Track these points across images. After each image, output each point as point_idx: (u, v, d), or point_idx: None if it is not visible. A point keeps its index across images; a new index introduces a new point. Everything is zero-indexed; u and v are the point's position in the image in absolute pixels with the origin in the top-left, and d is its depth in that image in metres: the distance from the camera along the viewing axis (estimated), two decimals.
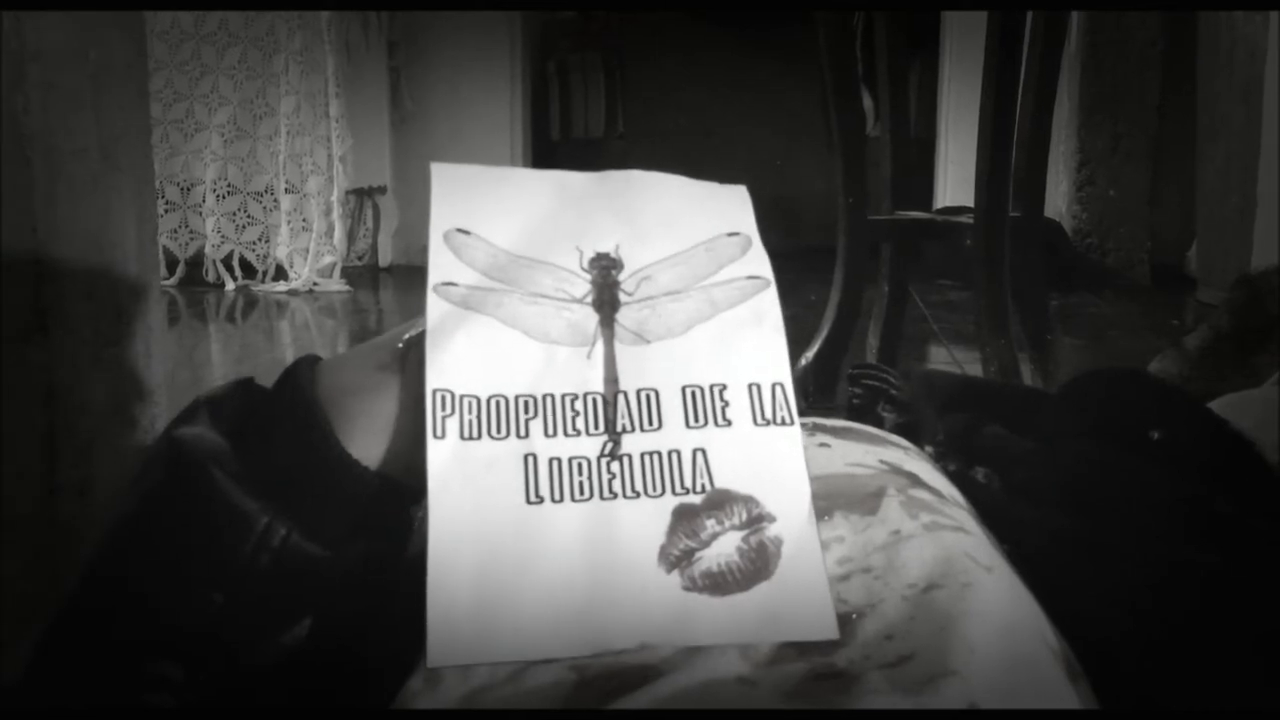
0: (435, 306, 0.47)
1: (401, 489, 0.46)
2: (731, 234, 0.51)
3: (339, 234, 2.85)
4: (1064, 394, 0.77)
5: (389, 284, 3.16)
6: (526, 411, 0.45)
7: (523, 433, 0.45)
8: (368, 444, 0.46)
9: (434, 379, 0.45)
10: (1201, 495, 0.52)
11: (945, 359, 2.26)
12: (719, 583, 0.43)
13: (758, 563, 0.44)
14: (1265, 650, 0.46)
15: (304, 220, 2.81)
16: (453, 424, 0.45)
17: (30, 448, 0.83)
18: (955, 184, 3.18)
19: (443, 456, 0.44)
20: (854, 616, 0.43)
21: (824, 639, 0.42)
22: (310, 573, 0.45)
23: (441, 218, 0.50)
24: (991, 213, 1.53)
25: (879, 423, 0.81)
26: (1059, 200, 3.01)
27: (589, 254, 0.49)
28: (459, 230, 0.49)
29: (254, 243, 2.84)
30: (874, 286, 1.83)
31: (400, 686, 0.42)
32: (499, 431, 0.45)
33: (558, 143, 3.61)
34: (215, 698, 0.45)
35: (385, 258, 3.27)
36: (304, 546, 0.45)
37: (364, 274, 3.19)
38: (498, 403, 0.45)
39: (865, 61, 2.56)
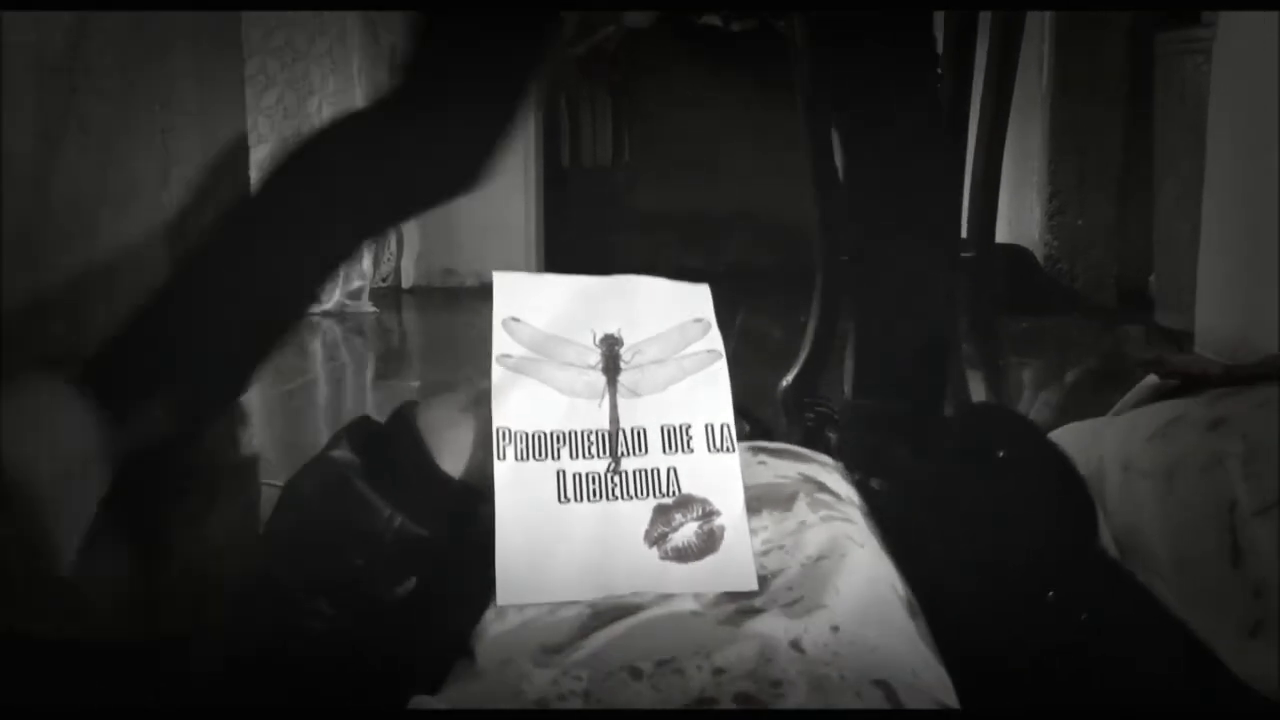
0: (497, 370, 0.70)
1: (476, 492, 0.70)
2: (696, 320, 0.74)
3: (367, 260, 3.10)
4: (950, 423, 1.01)
5: (410, 305, 3.40)
6: (558, 442, 0.69)
7: (556, 456, 0.68)
8: (453, 461, 0.70)
9: (497, 419, 0.68)
10: (1013, 506, 0.75)
11: None
12: (683, 554, 0.67)
13: (708, 543, 0.67)
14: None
15: None
16: (510, 450, 0.68)
17: None
18: None
19: (504, 471, 0.67)
20: (769, 577, 0.67)
21: (748, 590, 0.65)
22: (417, 546, 0.68)
23: (500, 309, 0.73)
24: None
25: (827, 442, 1.04)
26: (1032, 228, 3.23)
27: (600, 334, 0.72)
28: (512, 318, 0.72)
29: None
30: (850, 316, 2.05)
31: (478, 620, 0.66)
32: (540, 455, 0.68)
33: (568, 170, 3.85)
34: (354, 627, 0.68)
35: (407, 279, 3.51)
36: (412, 528, 0.68)
37: (387, 295, 3.42)
38: (539, 436, 0.69)
39: None
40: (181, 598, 1.11)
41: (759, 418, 1.02)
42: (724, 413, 0.71)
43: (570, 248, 3.65)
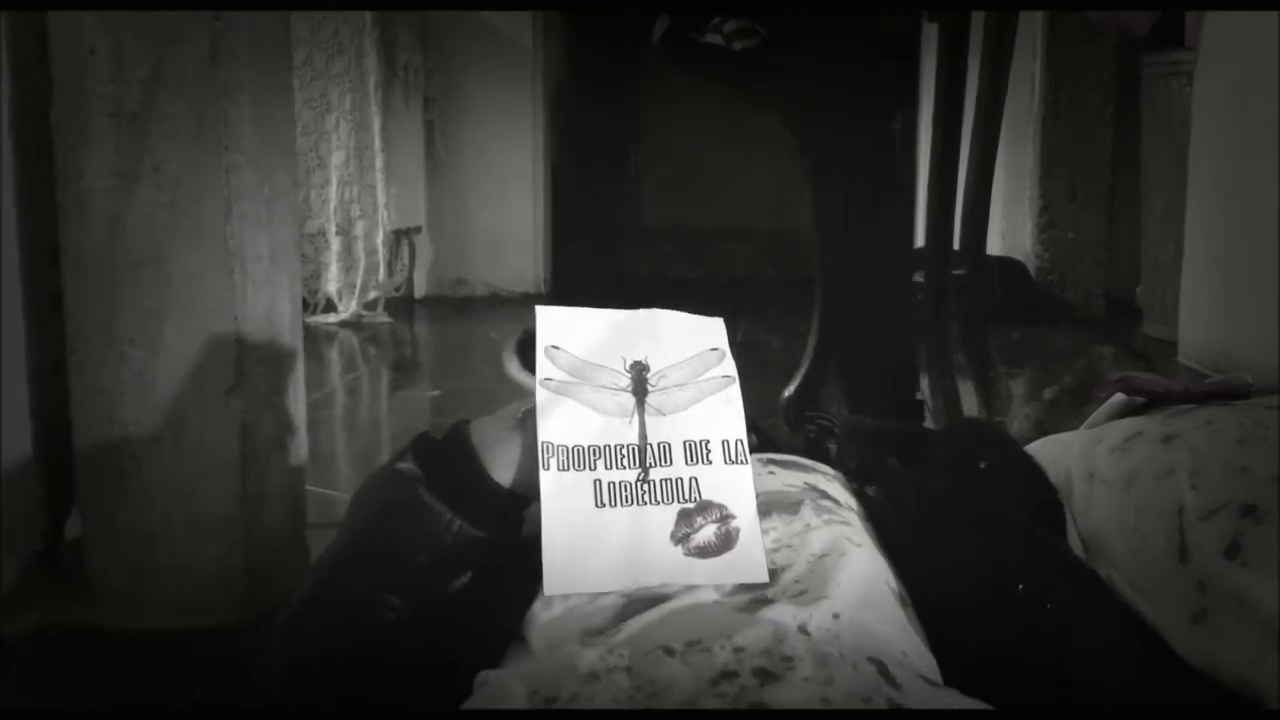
0: (541, 392, 0.81)
1: (523, 499, 0.80)
2: (713, 349, 0.84)
3: (383, 272, 3.21)
4: (938, 437, 1.12)
5: (423, 315, 3.51)
6: (595, 455, 0.79)
7: (593, 467, 0.78)
8: (503, 472, 0.80)
9: (542, 435, 0.78)
10: (991, 510, 0.85)
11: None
12: (704, 552, 0.77)
13: (726, 541, 0.77)
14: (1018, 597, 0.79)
15: (351, 260, 3.17)
16: (554, 461, 0.78)
17: (230, 470, 1.17)
18: None
19: (549, 480, 0.77)
20: (779, 571, 0.77)
21: (760, 582, 0.76)
22: (473, 546, 0.79)
23: (543, 339, 0.83)
24: (937, 277, 1.87)
25: (826, 453, 1.15)
26: (1025, 241, 3.34)
27: (630, 361, 0.82)
28: (553, 346, 0.83)
29: (308, 279, 3.19)
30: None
31: (527, 609, 0.76)
32: (579, 467, 0.78)
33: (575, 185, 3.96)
34: (419, 616, 0.78)
35: (420, 290, 3.62)
36: (469, 530, 0.78)
37: (400, 304, 3.53)
38: (578, 449, 0.79)
39: None
40: (234, 592, 1.21)
41: (762, 428, 1.12)
42: (738, 430, 0.81)
43: (576, 260, 3.75)
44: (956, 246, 2.03)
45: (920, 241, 3.49)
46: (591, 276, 1.84)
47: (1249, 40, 2.33)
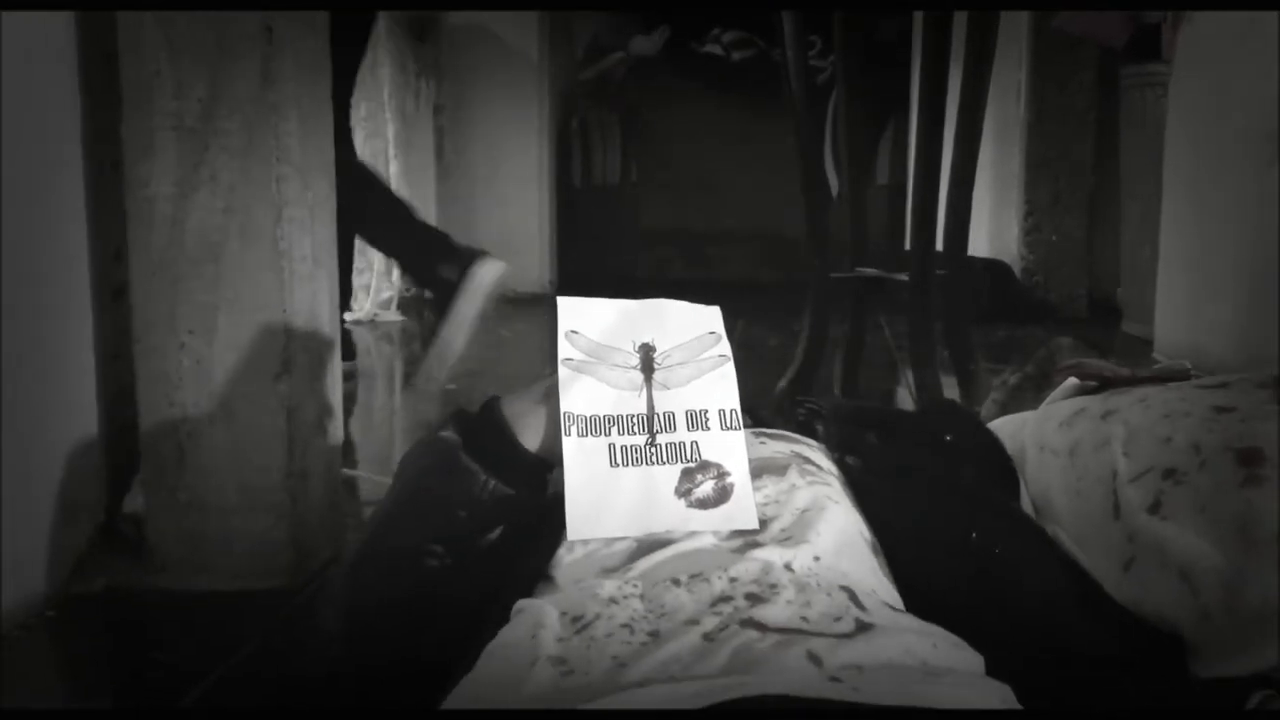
0: (562, 370, 0.93)
1: (547, 463, 0.93)
2: (711, 333, 0.97)
3: (396, 272, 3.34)
4: (912, 415, 1.25)
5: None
6: (609, 423, 0.91)
7: (608, 433, 0.91)
8: (530, 439, 0.92)
9: (564, 406, 0.91)
10: (952, 476, 0.98)
11: (903, 381, 2.71)
12: (704, 504, 0.89)
13: (723, 495, 0.90)
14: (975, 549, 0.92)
15: (366, 261, 3.30)
16: (574, 428, 0.90)
17: (277, 449, 1.30)
18: None
19: (570, 444, 0.90)
20: (767, 522, 0.90)
21: (751, 529, 0.88)
22: (506, 502, 0.91)
23: (563, 325, 0.95)
24: (921, 277, 2.00)
25: (815, 433, 1.28)
26: (1010, 244, 3.47)
27: (638, 343, 0.95)
28: (572, 331, 0.95)
29: None
30: (842, 325, 2.28)
31: (553, 554, 0.89)
32: (596, 433, 0.91)
33: (579, 189, 4.09)
34: (460, 562, 0.91)
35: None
36: (502, 489, 0.91)
37: (410, 303, 3.67)
38: (595, 418, 0.91)
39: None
40: (280, 557, 1.34)
41: (761, 415, 1.25)
42: (732, 401, 0.94)
43: (580, 261, 3.88)
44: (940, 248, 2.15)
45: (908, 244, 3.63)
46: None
47: (1220, 55, 2.46)
